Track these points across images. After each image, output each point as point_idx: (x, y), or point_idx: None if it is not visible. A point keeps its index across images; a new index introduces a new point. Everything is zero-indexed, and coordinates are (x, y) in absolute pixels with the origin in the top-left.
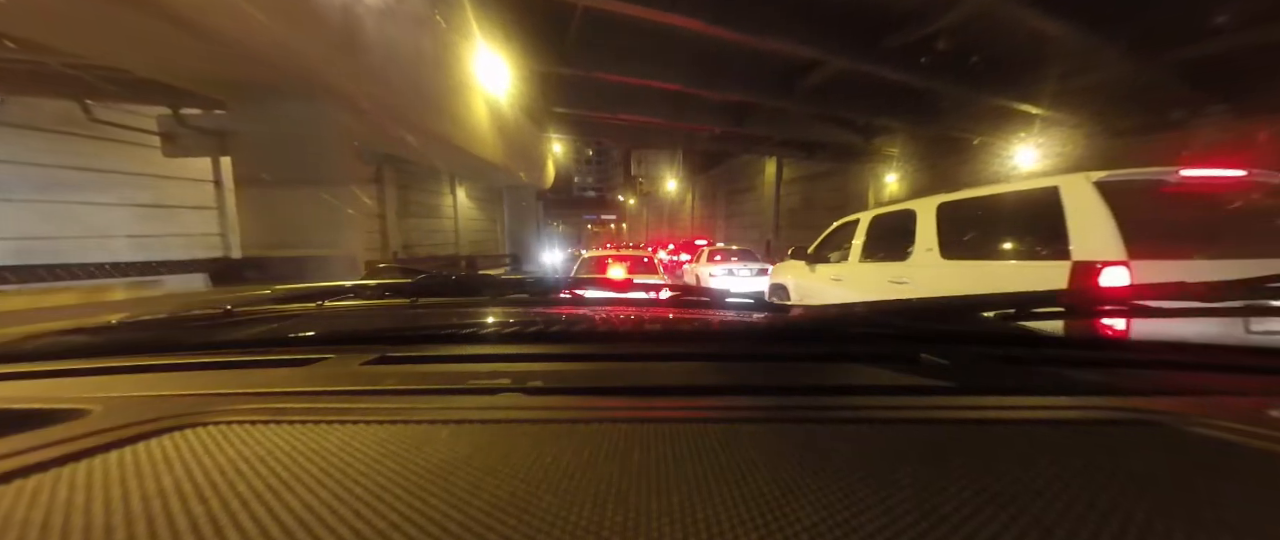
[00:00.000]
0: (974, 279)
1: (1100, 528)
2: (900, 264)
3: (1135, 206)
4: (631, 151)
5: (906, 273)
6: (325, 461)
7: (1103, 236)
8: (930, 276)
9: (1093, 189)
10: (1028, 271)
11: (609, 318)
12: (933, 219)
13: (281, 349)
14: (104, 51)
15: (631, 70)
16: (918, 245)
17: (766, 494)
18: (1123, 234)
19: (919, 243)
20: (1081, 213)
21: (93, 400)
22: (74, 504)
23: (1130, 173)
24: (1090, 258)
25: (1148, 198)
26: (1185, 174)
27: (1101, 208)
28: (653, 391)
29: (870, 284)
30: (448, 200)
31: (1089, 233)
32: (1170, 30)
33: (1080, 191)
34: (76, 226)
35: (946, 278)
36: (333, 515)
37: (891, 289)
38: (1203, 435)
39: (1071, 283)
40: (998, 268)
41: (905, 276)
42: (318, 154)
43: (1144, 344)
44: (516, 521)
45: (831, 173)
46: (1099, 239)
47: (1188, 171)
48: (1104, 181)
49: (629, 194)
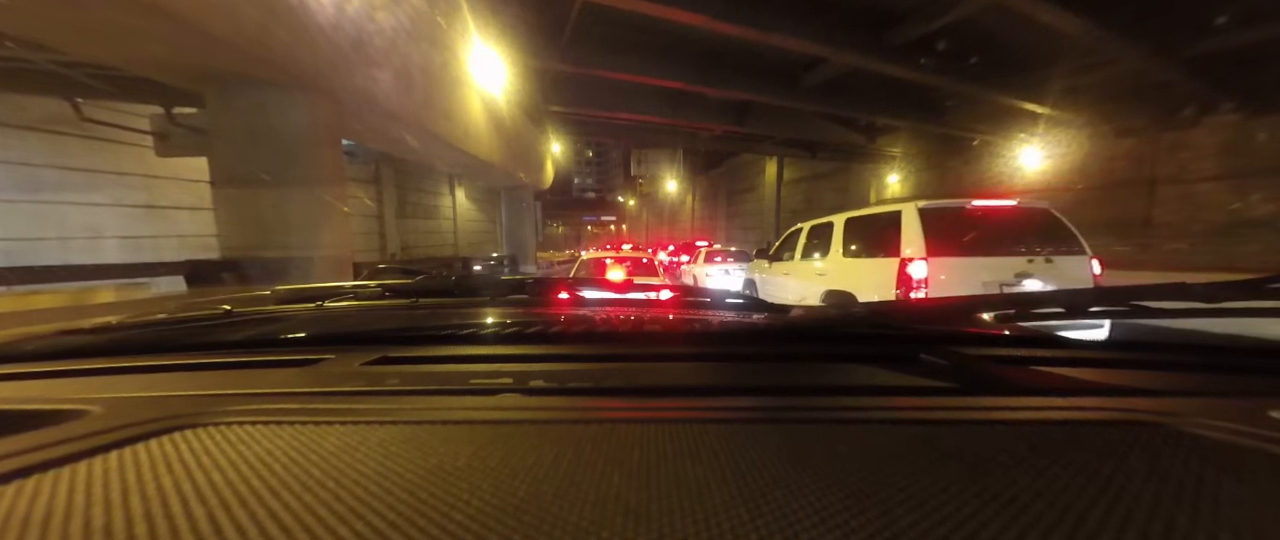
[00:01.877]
0: (857, 270)
1: (1100, 529)
2: (823, 261)
3: (939, 224)
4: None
5: (825, 267)
6: (326, 462)
7: (916, 243)
8: (838, 269)
9: (916, 212)
10: (883, 265)
11: (609, 318)
12: (841, 228)
13: (282, 349)
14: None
15: (631, 67)
16: (832, 247)
17: (767, 494)
18: (927, 241)
19: (833, 245)
20: (908, 227)
21: (92, 401)
22: (74, 504)
23: (940, 202)
24: (908, 256)
25: (948, 218)
26: (975, 203)
27: (918, 225)
28: (653, 392)
29: (805, 276)
30: (446, 201)
31: (910, 240)
32: (1186, 23)
33: (909, 213)
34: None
35: (845, 270)
36: (333, 516)
37: (817, 278)
38: (1202, 436)
39: (899, 273)
40: (867, 262)
41: (825, 269)
42: (299, 150)
43: (1143, 344)
44: (517, 522)
45: (834, 173)
46: (914, 244)
47: (977, 201)
48: (923, 208)
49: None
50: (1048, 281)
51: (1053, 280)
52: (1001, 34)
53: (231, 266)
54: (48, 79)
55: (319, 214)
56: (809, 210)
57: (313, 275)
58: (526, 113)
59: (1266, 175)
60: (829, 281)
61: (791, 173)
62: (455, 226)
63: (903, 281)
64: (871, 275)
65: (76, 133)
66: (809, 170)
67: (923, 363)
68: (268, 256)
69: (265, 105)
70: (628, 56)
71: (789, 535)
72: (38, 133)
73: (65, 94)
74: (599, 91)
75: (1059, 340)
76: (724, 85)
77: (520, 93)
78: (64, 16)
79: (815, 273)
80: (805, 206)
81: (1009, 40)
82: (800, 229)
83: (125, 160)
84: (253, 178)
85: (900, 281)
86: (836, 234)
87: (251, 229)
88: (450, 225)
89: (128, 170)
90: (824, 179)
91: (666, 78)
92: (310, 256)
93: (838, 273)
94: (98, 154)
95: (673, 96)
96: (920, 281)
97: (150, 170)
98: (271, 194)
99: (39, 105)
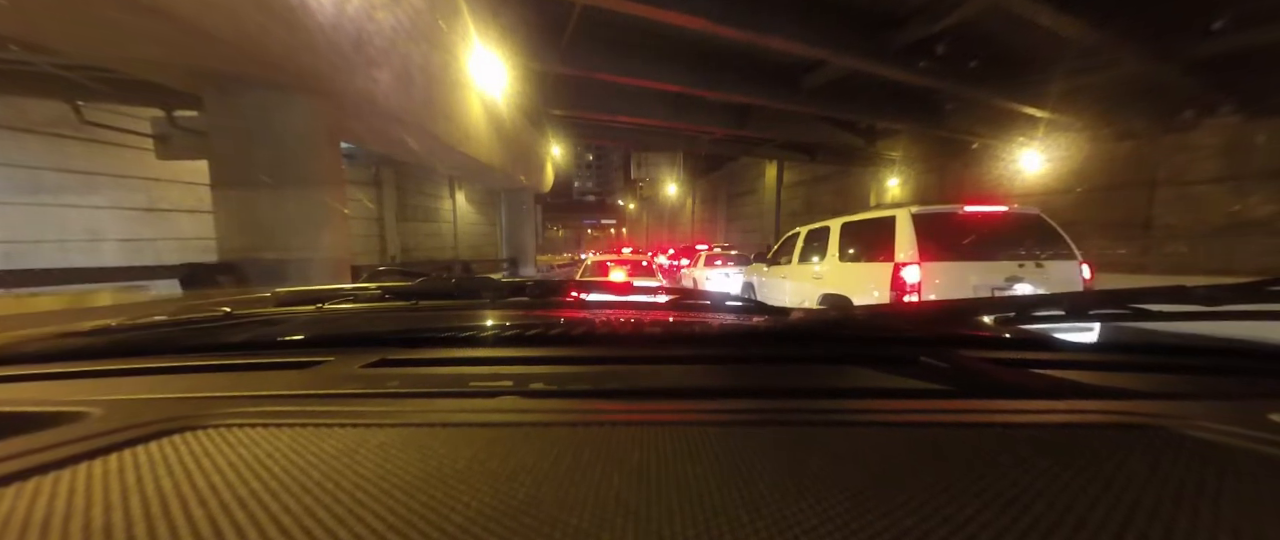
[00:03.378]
0: (853, 274)
1: (1100, 531)
2: (820, 265)
3: (931, 229)
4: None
5: (822, 271)
6: (325, 464)
7: (909, 248)
8: (834, 273)
9: (909, 218)
10: (878, 269)
11: (609, 321)
12: (838, 233)
13: (281, 351)
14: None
15: (632, 70)
16: (829, 251)
17: (767, 497)
18: (919, 246)
19: (830, 250)
20: (902, 232)
21: (92, 403)
22: (73, 506)
23: (933, 208)
24: (902, 260)
25: (940, 223)
26: (967, 208)
27: (911, 230)
28: (653, 394)
29: (802, 279)
30: (447, 204)
31: (903, 245)
32: (1186, 26)
33: (903, 218)
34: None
35: (842, 274)
36: (333, 518)
37: (814, 282)
38: (1202, 438)
39: (893, 277)
40: (863, 266)
41: (822, 273)
42: (298, 152)
43: (1143, 347)
44: (517, 524)
45: (833, 176)
46: (907, 249)
47: (969, 207)
48: (916, 213)
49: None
50: (1038, 285)
51: (1043, 284)
52: (1002, 37)
53: (229, 269)
54: (48, 82)
55: (317, 216)
56: (808, 213)
57: (311, 277)
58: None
59: (1267, 178)
60: (826, 285)
61: (791, 176)
62: (455, 229)
63: (896, 285)
64: (867, 279)
65: (77, 135)
66: (809, 173)
67: (922, 365)
68: (266, 259)
69: (264, 106)
70: (627, 59)
71: (789, 538)
72: (38, 135)
73: (66, 97)
74: (599, 94)
75: (1058, 343)
76: (724, 88)
77: (520, 95)
78: (61, 16)
79: (812, 276)
80: (805, 209)
81: (1010, 43)
82: (798, 233)
83: (125, 163)
84: (252, 180)
85: (894, 285)
86: (833, 238)
87: (250, 231)
88: (450, 228)
89: (128, 173)
90: (823, 182)
91: (666, 81)
92: (309, 259)
93: (834, 276)
94: (98, 156)
95: (673, 99)
96: (913, 285)
97: (150, 173)
98: (270, 196)
99: (40, 108)
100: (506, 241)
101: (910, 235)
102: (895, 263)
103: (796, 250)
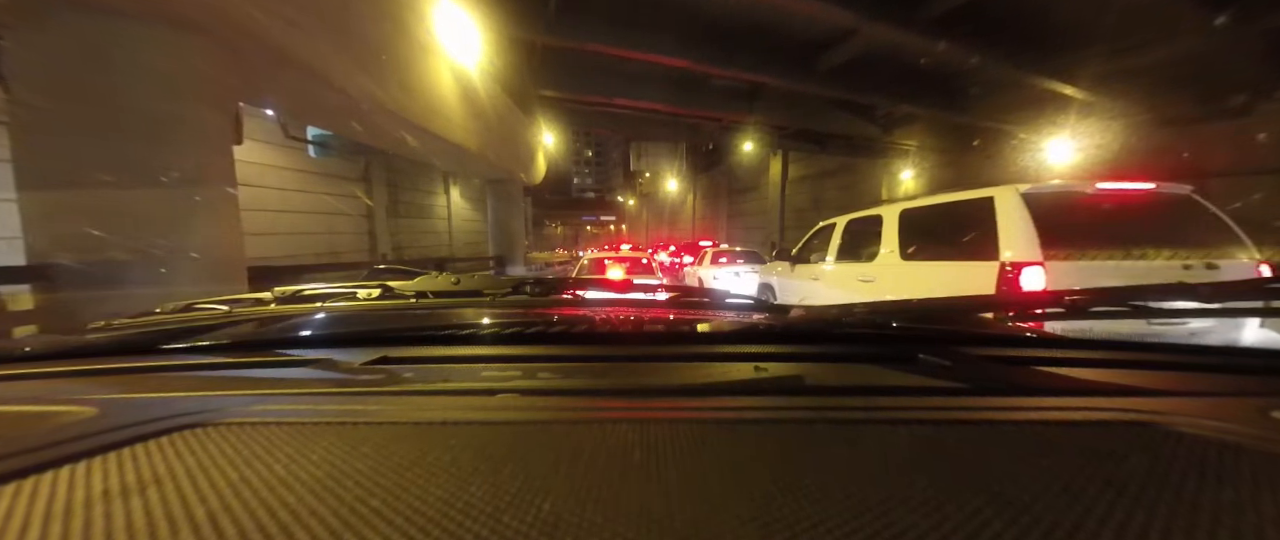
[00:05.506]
0: (926, 277)
1: (1100, 528)
2: (868, 264)
3: (1053, 215)
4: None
5: (875, 273)
6: (326, 462)
7: (1024, 241)
8: (893, 276)
9: (1019, 199)
10: (970, 271)
11: (609, 319)
12: (895, 223)
13: (282, 350)
14: None
15: (629, 41)
16: (884, 247)
17: (767, 494)
18: (1041, 238)
19: (884, 245)
20: (1008, 219)
21: (93, 401)
22: (74, 505)
23: (1053, 185)
24: (1014, 259)
25: (1065, 207)
26: (1100, 186)
27: (1025, 216)
28: (653, 392)
29: (843, 283)
30: (441, 200)
31: (1013, 238)
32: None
33: (1009, 200)
34: None
35: (906, 276)
36: (333, 516)
37: (862, 286)
38: (1202, 436)
39: (999, 282)
40: (943, 267)
41: (873, 275)
42: (158, 111)
43: (1144, 344)
44: (517, 522)
45: (841, 170)
46: (1020, 243)
47: (1103, 184)
48: (1028, 193)
49: (628, 195)
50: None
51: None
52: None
53: (37, 274)
54: None
55: (186, 202)
56: (815, 209)
57: (177, 282)
58: (512, 94)
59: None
60: (881, 290)
61: (796, 171)
62: (450, 227)
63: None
64: (952, 284)
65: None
66: (815, 167)
67: (923, 362)
68: (102, 258)
69: (103, 44)
70: (625, 29)
71: (790, 534)
72: None
73: None
74: (594, 73)
75: (1059, 340)
76: (733, 65)
77: (503, 69)
78: None
79: (859, 279)
80: (810, 205)
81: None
82: (834, 224)
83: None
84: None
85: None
86: (890, 230)
87: (76, 222)
88: (445, 225)
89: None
90: (830, 177)
91: (670, 54)
92: (174, 259)
93: (894, 280)
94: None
95: (675, 81)
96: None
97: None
98: (113, 175)
99: None
100: (493, 238)
101: (1025, 223)
102: (1001, 262)
103: (832, 246)
